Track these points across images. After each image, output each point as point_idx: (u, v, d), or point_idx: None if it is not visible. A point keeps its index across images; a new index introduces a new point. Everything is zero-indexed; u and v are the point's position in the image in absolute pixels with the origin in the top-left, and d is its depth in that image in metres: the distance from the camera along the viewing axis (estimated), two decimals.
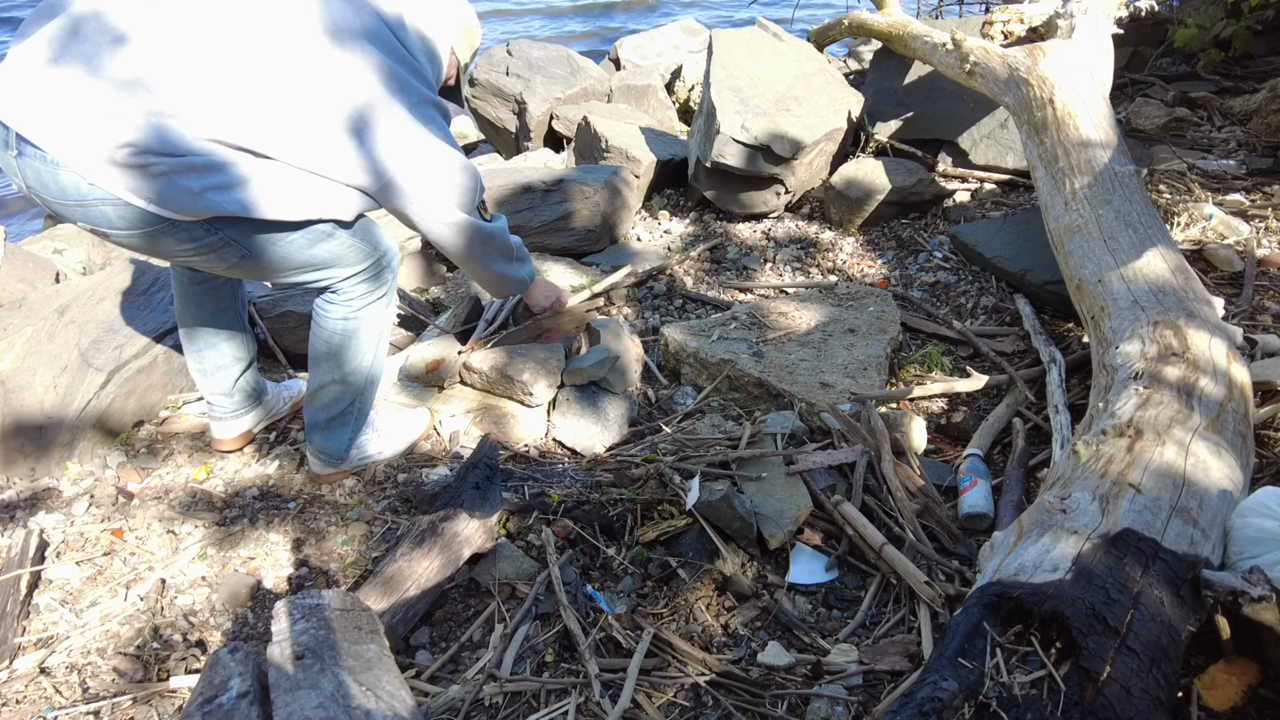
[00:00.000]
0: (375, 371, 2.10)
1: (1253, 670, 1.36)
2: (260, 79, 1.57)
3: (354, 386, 2.06)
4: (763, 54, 4.00)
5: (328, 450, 2.14)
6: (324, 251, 1.81)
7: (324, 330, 1.97)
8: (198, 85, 1.53)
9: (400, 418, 2.34)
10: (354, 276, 1.91)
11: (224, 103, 1.55)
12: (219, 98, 1.55)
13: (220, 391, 2.20)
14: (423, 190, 1.76)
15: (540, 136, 4.99)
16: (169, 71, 1.52)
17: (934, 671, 1.19)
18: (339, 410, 2.08)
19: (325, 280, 1.89)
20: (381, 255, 1.94)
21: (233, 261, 1.75)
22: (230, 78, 1.55)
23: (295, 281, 1.87)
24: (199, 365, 2.16)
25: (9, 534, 2.04)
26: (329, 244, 1.80)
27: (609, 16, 9.59)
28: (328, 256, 1.83)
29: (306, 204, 1.69)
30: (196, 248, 1.69)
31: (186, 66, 1.53)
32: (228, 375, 2.18)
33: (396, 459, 2.30)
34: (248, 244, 1.71)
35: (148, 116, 1.51)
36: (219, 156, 1.57)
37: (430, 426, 2.40)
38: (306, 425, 2.13)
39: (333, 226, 1.79)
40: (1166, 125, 3.96)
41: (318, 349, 2.00)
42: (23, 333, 2.34)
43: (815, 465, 2.05)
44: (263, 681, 1.06)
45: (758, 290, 3.29)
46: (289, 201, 1.67)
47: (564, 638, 1.72)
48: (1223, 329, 2.00)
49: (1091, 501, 1.46)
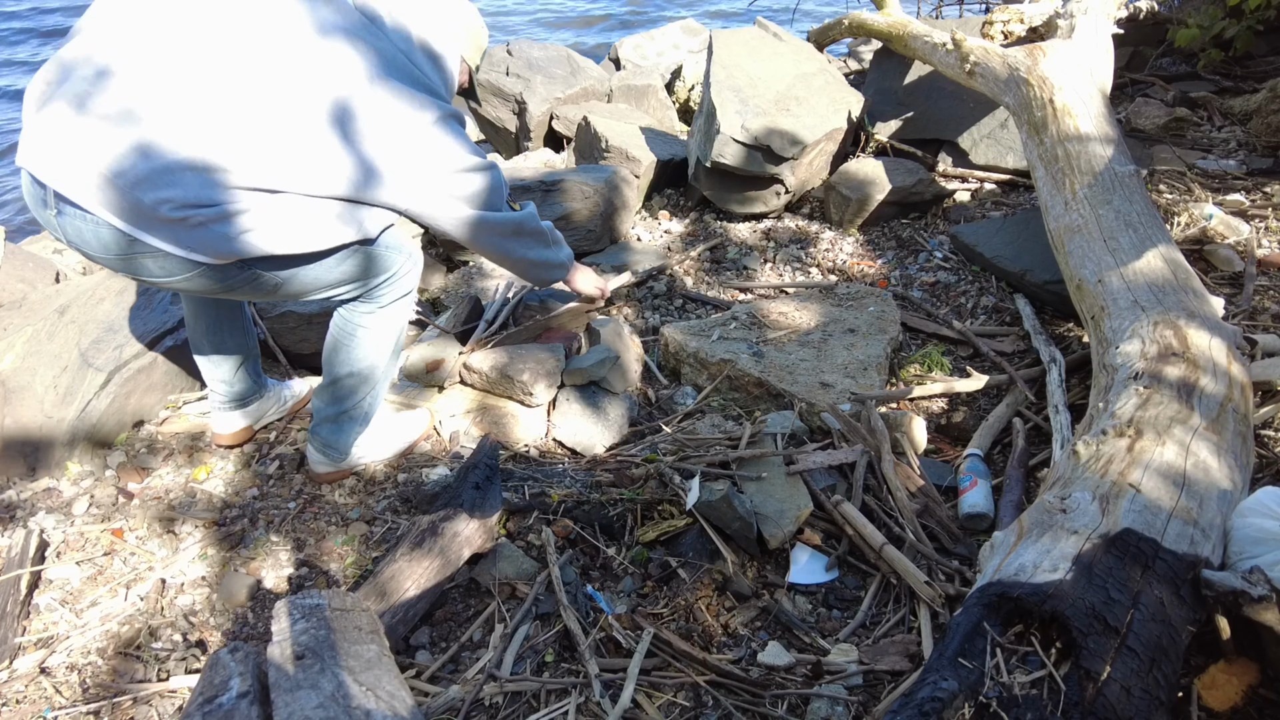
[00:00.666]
0: (390, 369, 2.11)
1: (1253, 670, 1.36)
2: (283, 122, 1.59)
3: (369, 381, 2.07)
4: (763, 54, 4.00)
5: (333, 444, 2.14)
6: (352, 267, 1.85)
7: (347, 324, 1.99)
8: (232, 136, 1.56)
9: (400, 418, 2.34)
10: (382, 284, 1.94)
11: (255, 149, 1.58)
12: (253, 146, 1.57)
13: (222, 379, 2.22)
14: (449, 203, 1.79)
15: (540, 136, 4.99)
16: (200, 124, 1.54)
17: (934, 671, 1.19)
18: (351, 404, 2.09)
19: (355, 291, 1.92)
20: (406, 258, 1.96)
21: (267, 290, 1.80)
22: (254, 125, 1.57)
23: (326, 296, 1.91)
24: (202, 354, 2.18)
25: (9, 534, 2.04)
26: (356, 259, 1.84)
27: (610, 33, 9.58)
28: (356, 271, 1.86)
29: (334, 231, 1.72)
30: (231, 284, 1.74)
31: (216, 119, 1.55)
32: (229, 365, 2.20)
33: (396, 459, 2.30)
34: (279, 275, 1.76)
35: (185, 171, 1.54)
36: (250, 202, 1.60)
37: (430, 427, 2.40)
38: (315, 418, 2.13)
39: (358, 245, 1.81)
40: (1167, 125, 3.96)
41: (339, 342, 2.02)
42: (23, 333, 2.34)
43: (815, 465, 2.05)
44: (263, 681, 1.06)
45: (758, 290, 3.29)
46: (317, 232, 1.70)
47: (564, 638, 1.72)
48: (1223, 329, 1.99)
49: (1091, 501, 1.45)
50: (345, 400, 2.08)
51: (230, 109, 1.56)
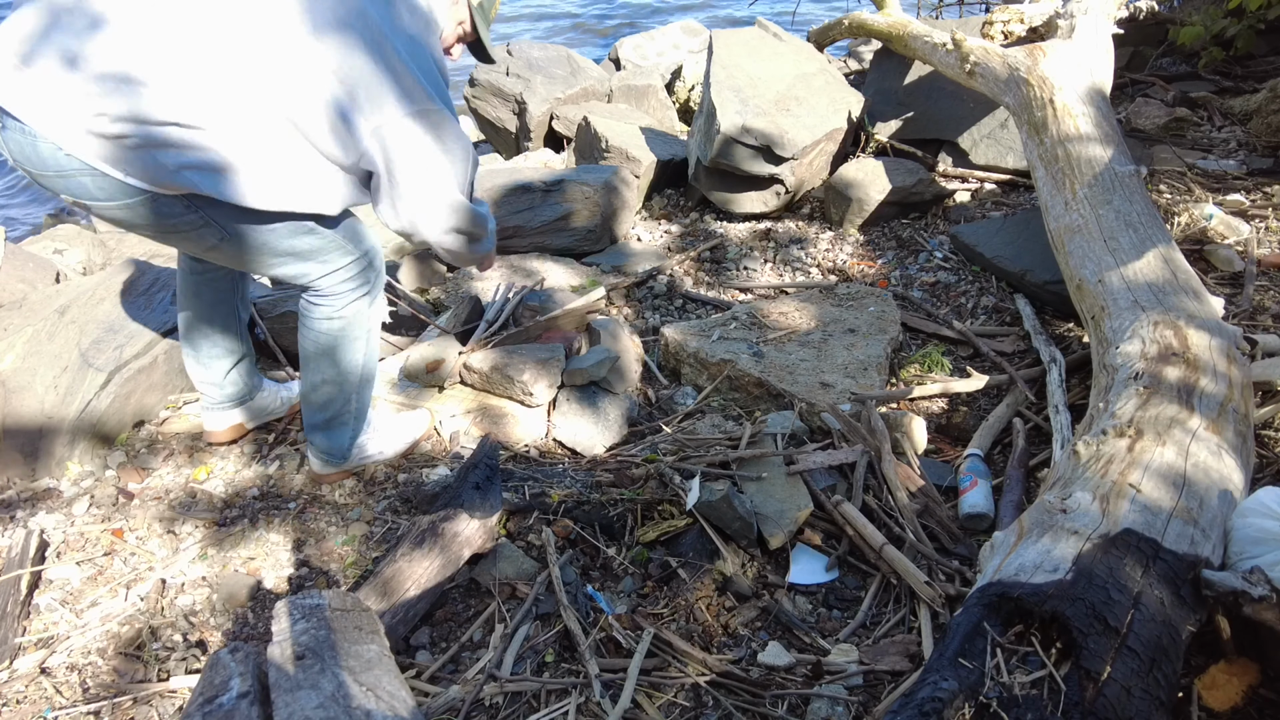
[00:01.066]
0: (369, 370, 2.09)
1: (1253, 670, 1.36)
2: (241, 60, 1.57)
3: (348, 386, 2.05)
4: (763, 54, 4.00)
5: (329, 450, 2.14)
6: (305, 244, 1.81)
7: (311, 330, 1.97)
8: (175, 67, 1.54)
9: (401, 419, 2.34)
10: (336, 273, 1.90)
11: (201, 84, 1.55)
12: (197, 78, 1.55)
13: (211, 381, 2.21)
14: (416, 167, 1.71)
15: (540, 136, 4.99)
16: (147, 53, 1.53)
17: (934, 671, 1.19)
18: (335, 410, 2.08)
19: (308, 274, 1.88)
20: (364, 253, 1.93)
21: (212, 243, 1.75)
22: (211, 60, 1.55)
23: (277, 274, 1.87)
24: (192, 352, 2.16)
25: (9, 534, 2.04)
26: (311, 237, 1.80)
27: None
28: (308, 249, 1.82)
29: (288, 195, 1.68)
30: (176, 224, 1.69)
31: (164, 49, 1.54)
32: (219, 367, 2.18)
33: (397, 459, 2.30)
34: (228, 227, 1.72)
35: (124, 94, 1.52)
36: (195, 137, 1.57)
37: (430, 427, 2.40)
38: (305, 426, 2.13)
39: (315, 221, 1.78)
40: (1167, 125, 3.96)
41: (307, 349, 2.00)
42: (23, 333, 2.34)
43: (815, 465, 2.05)
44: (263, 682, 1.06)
45: (758, 290, 3.29)
46: (270, 191, 1.66)
47: (564, 638, 1.72)
48: (1223, 329, 1.99)
49: (1092, 501, 1.45)
50: (328, 407, 2.07)
51: (180, 44, 1.53)
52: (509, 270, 3.24)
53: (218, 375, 2.20)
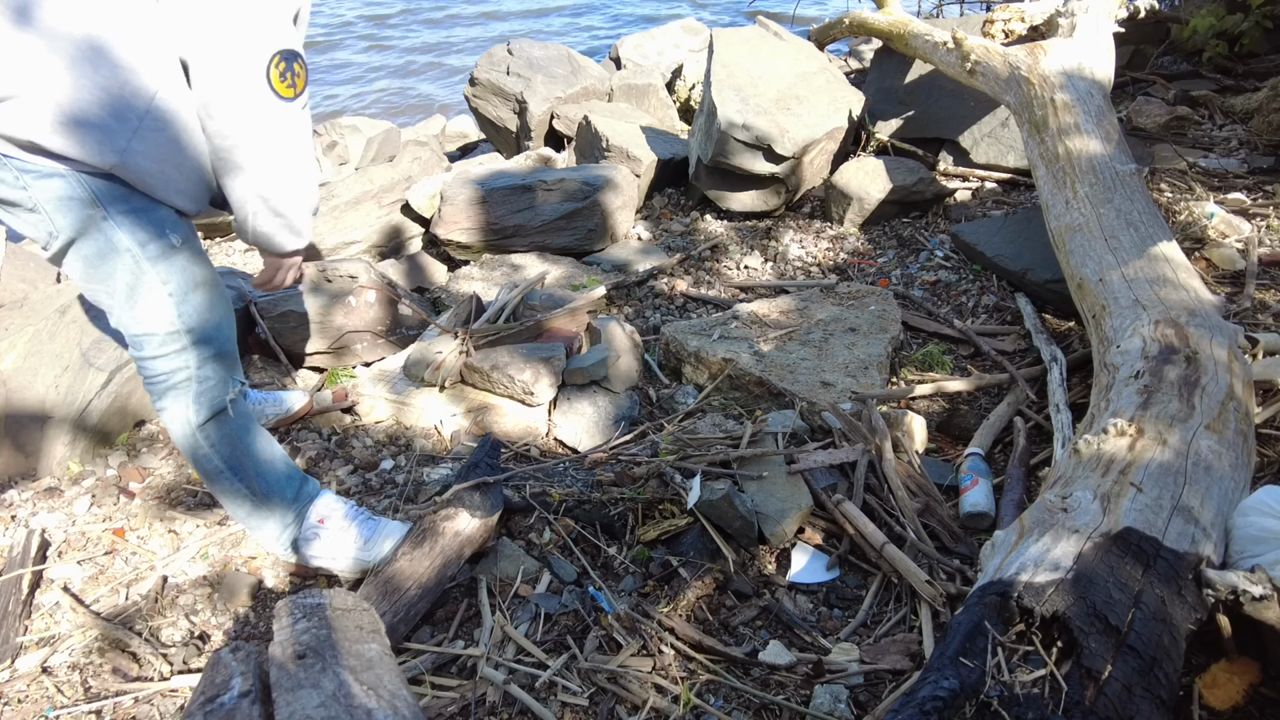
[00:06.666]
0: (268, 475, 1.76)
1: (1254, 669, 1.36)
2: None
3: (236, 483, 1.74)
4: (763, 53, 4.00)
5: (266, 547, 1.92)
6: (66, 223, 1.41)
7: (181, 447, 1.68)
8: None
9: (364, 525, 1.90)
10: (152, 340, 1.54)
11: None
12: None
13: None
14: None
15: (541, 136, 4.99)
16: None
17: (935, 670, 1.19)
18: (244, 515, 1.82)
19: (117, 317, 1.54)
20: (190, 330, 1.54)
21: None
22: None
23: (89, 288, 1.52)
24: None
25: (10, 534, 2.04)
26: (75, 213, 1.41)
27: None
28: (71, 228, 1.42)
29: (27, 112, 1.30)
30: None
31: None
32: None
33: (353, 574, 1.91)
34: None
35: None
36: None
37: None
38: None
39: (72, 176, 1.38)
40: (1168, 124, 3.96)
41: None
42: (24, 332, 2.34)
43: (816, 464, 2.05)
44: (264, 681, 1.06)
45: (758, 289, 3.29)
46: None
47: (565, 637, 1.72)
48: (1224, 327, 1.99)
49: (1093, 500, 1.45)
50: (237, 511, 1.80)
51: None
52: (510, 269, 3.24)
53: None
